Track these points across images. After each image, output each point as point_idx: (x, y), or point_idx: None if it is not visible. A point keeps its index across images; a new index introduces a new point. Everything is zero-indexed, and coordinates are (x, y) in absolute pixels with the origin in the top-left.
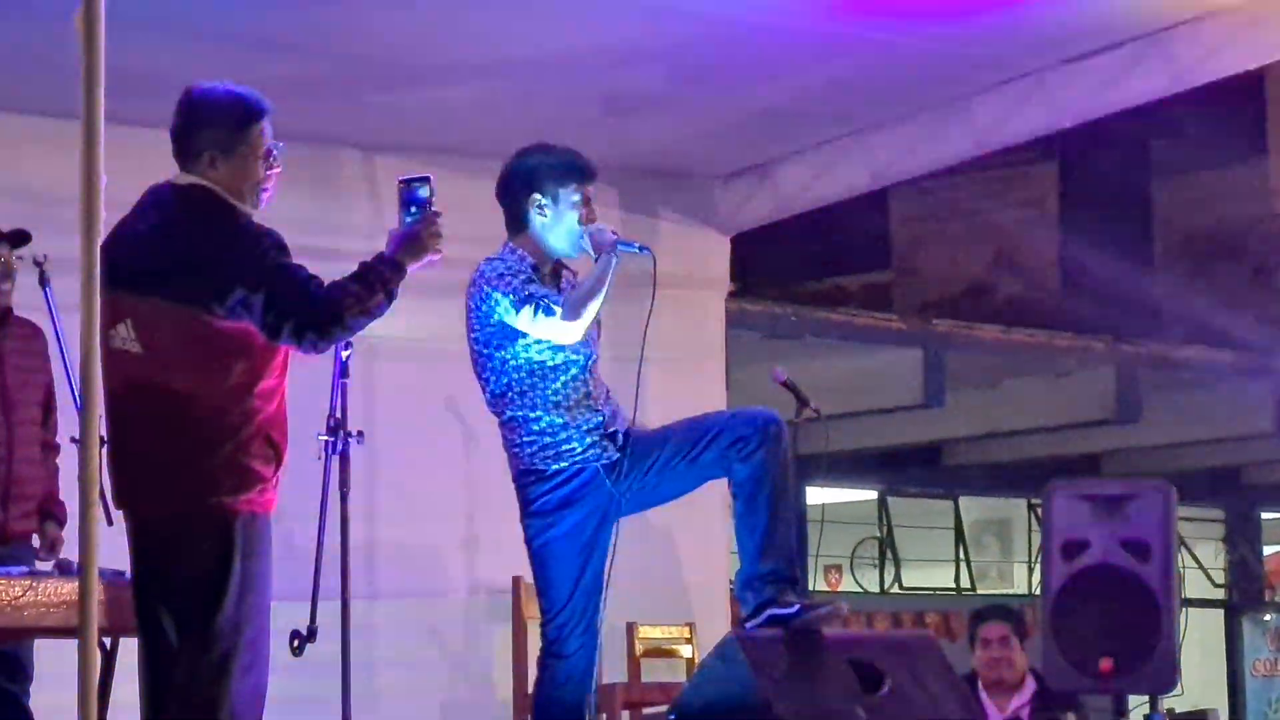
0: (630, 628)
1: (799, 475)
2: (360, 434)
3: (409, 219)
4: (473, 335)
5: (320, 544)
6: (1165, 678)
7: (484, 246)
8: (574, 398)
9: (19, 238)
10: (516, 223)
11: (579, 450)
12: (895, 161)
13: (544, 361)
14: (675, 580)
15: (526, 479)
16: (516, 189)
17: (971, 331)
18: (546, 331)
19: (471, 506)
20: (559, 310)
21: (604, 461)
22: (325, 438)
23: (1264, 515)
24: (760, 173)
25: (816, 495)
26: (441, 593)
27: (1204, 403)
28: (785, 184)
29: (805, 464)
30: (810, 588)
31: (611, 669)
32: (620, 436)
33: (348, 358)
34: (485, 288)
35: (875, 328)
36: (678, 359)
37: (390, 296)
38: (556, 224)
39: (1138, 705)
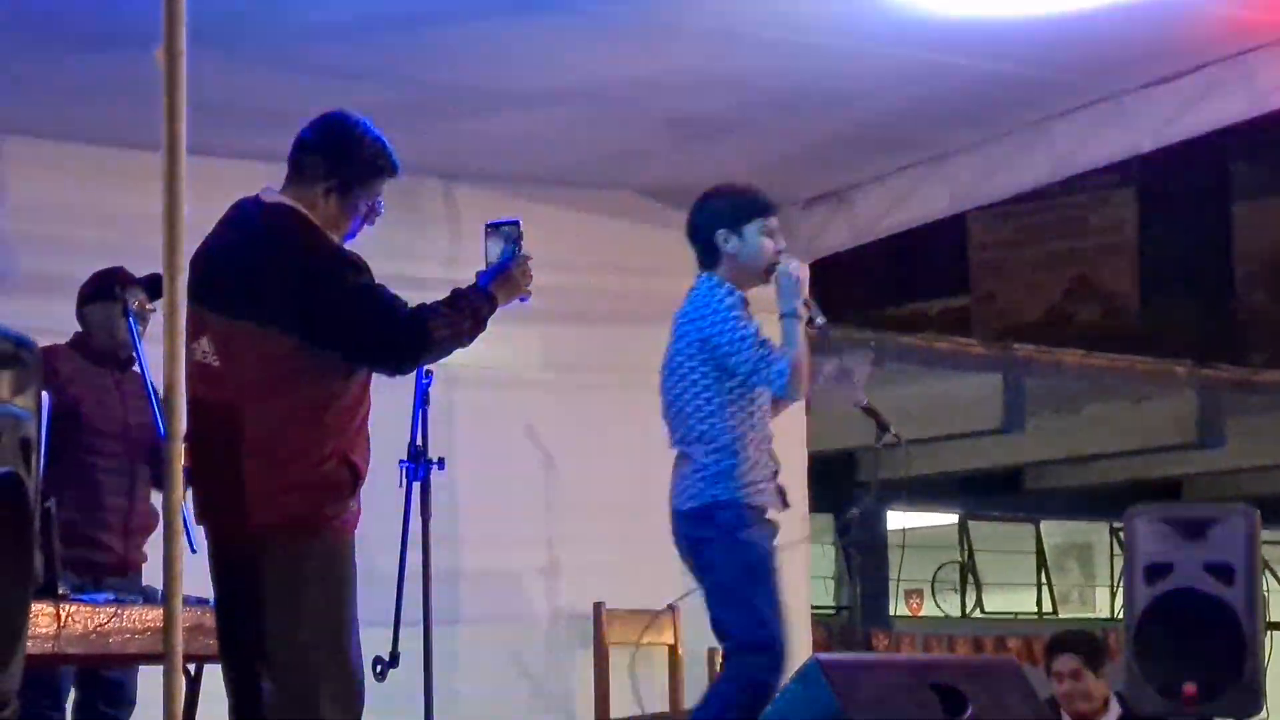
0: (711, 653)
1: (880, 500)
2: (441, 461)
3: (500, 260)
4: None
5: (402, 570)
6: (1250, 703)
7: (560, 273)
8: None
9: (157, 286)
10: (710, 258)
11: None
12: (974, 186)
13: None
14: None
15: None
16: (706, 225)
17: (1052, 356)
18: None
19: (551, 532)
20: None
21: None
22: (407, 464)
23: None
24: (838, 198)
25: (898, 520)
26: (523, 618)
27: None
28: (863, 210)
29: (886, 489)
30: (892, 612)
31: (692, 694)
32: None
33: (428, 385)
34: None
35: (955, 352)
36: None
37: (480, 325)
38: (746, 257)
39: None
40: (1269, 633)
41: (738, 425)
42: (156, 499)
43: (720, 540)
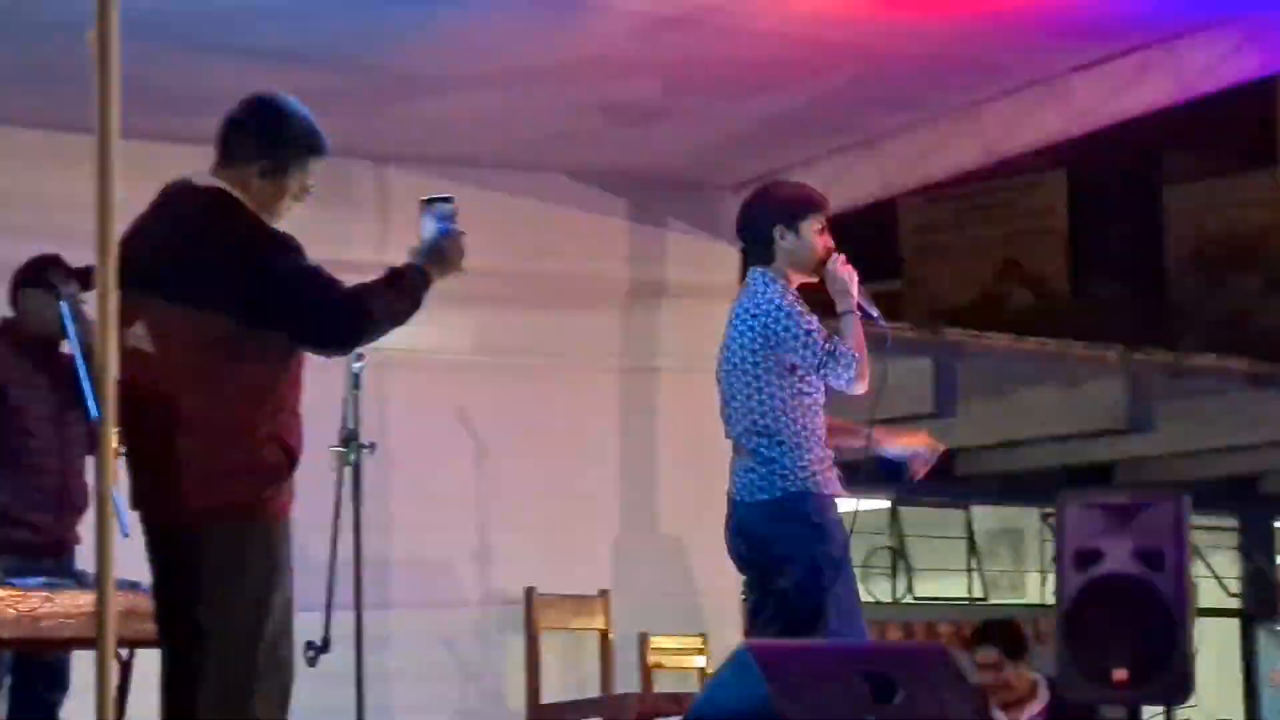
0: (643, 638)
1: None
2: (373, 445)
3: (434, 236)
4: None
5: (334, 555)
6: (1180, 688)
7: (493, 256)
8: None
9: (92, 277)
10: (765, 253)
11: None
12: (904, 170)
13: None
14: (687, 590)
15: None
16: (762, 221)
17: (982, 340)
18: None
19: (483, 517)
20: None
21: None
22: (338, 449)
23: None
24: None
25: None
26: (454, 603)
27: (1217, 411)
28: None
29: None
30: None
31: (624, 679)
32: None
33: (360, 369)
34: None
35: (885, 336)
36: (687, 369)
37: (417, 304)
38: (801, 253)
39: (1152, 716)
40: (1198, 619)
41: (800, 418)
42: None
43: (801, 531)
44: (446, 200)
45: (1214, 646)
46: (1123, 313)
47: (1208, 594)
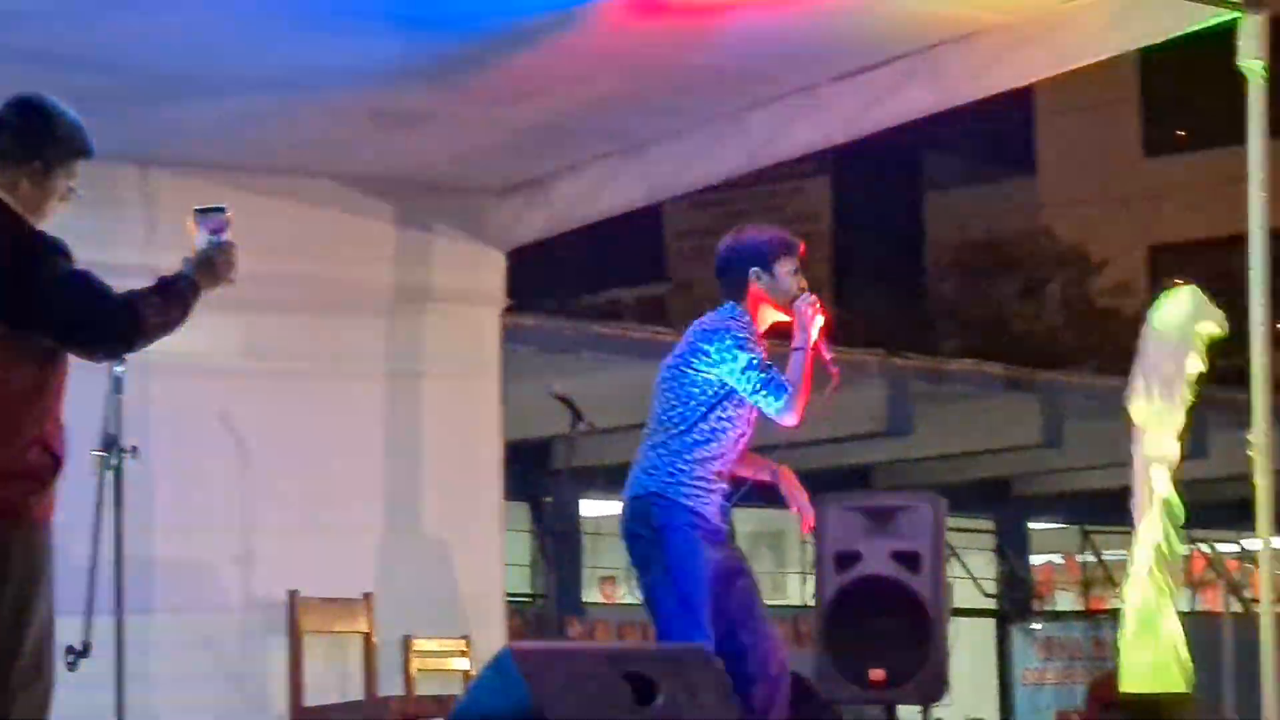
0: (406, 641)
1: (575, 487)
2: (134, 449)
3: (205, 246)
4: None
5: (95, 559)
6: (935, 688)
7: (258, 261)
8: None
9: None
10: (739, 293)
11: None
12: (670, 176)
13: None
14: (450, 593)
15: None
16: (740, 263)
17: None
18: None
19: (247, 520)
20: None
21: None
22: (99, 453)
23: (1032, 526)
24: (535, 188)
25: (591, 508)
26: (218, 606)
27: (974, 415)
28: (560, 199)
29: (581, 477)
30: (586, 599)
31: (387, 682)
32: None
33: (121, 373)
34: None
35: (650, 341)
36: (452, 374)
37: (187, 313)
38: (774, 292)
39: (909, 715)
40: (954, 619)
41: (705, 435)
42: None
43: (643, 533)
44: (219, 210)
45: (969, 646)
46: (884, 317)
47: (963, 594)
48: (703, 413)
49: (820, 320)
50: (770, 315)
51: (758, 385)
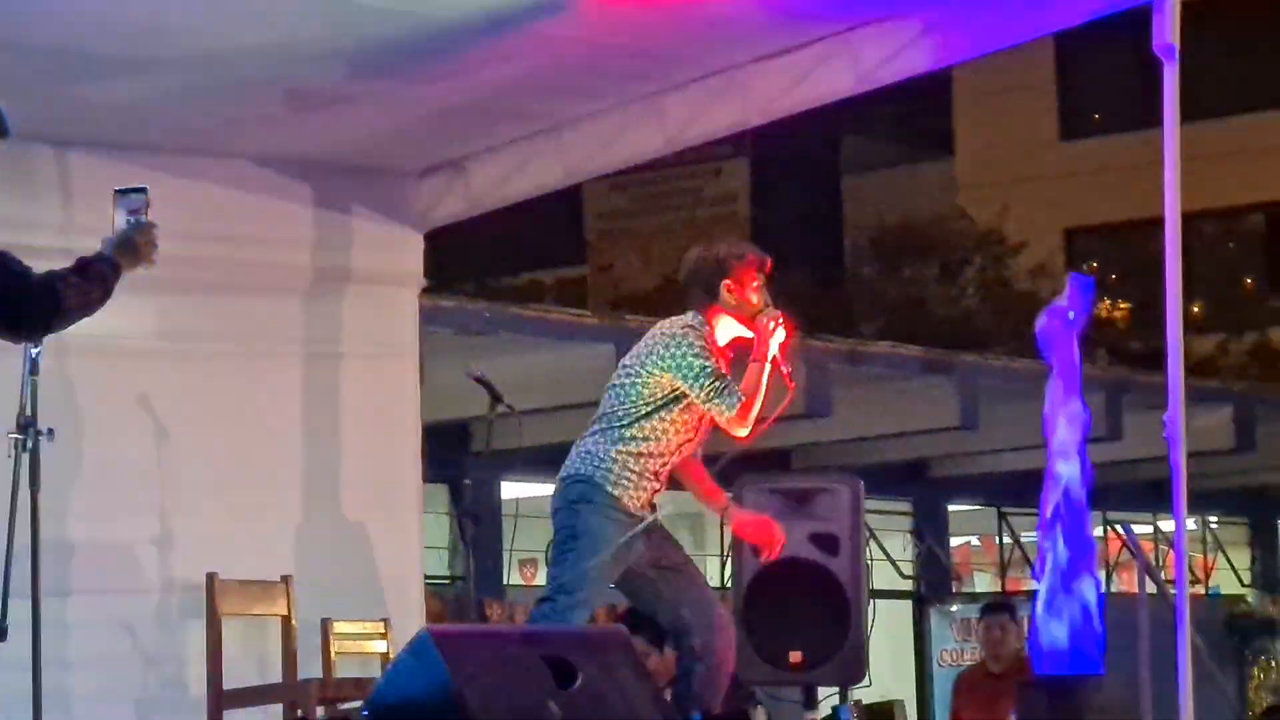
0: (325, 624)
1: (494, 470)
2: (51, 431)
3: (125, 227)
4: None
5: (10, 542)
6: (853, 669)
7: (175, 242)
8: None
9: None
10: (705, 304)
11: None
12: (588, 158)
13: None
14: (369, 576)
15: None
16: (709, 275)
17: None
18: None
19: (165, 503)
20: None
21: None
22: (15, 435)
23: (951, 508)
24: (454, 169)
25: (511, 490)
26: (135, 589)
27: (892, 397)
28: (479, 180)
29: (500, 460)
30: (505, 581)
31: (306, 665)
32: None
33: (37, 354)
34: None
35: (569, 323)
36: (371, 355)
37: (107, 294)
38: (741, 306)
39: (827, 697)
40: (873, 601)
41: (647, 433)
42: None
43: (561, 507)
44: (139, 191)
45: (887, 628)
46: (802, 299)
47: (882, 576)
48: (647, 412)
49: (782, 336)
50: (732, 329)
51: (710, 393)
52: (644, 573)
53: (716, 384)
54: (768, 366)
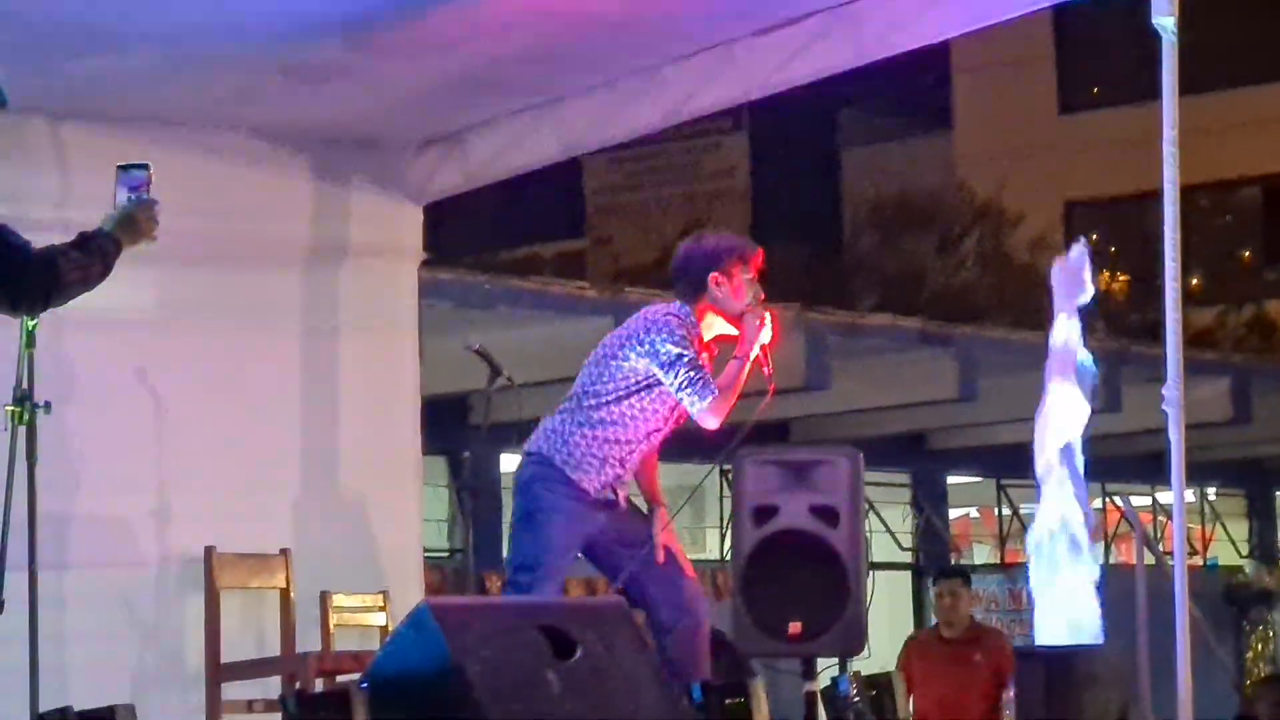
0: (324, 596)
1: (493, 442)
2: (48, 404)
3: (127, 203)
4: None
5: (6, 514)
6: (853, 640)
7: (173, 215)
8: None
9: None
10: (693, 295)
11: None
12: (587, 132)
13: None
14: (368, 549)
15: None
16: (699, 267)
17: (662, 299)
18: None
19: (163, 476)
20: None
21: None
22: (12, 408)
23: (949, 480)
24: (452, 142)
25: (510, 463)
26: (133, 563)
27: (891, 369)
28: (476, 153)
29: (499, 432)
30: (504, 554)
31: (305, 638)
32: None
33: (34, 327)
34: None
35: (568, 296)
36: (369, 329)
37: (108, 269)
38: (728, 300)
39: (826, 668)
40: (872, 573)
41: (617, 418)
42: None
43: (517, 484)
44: (142, 168)
45: (886, 599)
46: (801, 271)
47: (881, 548)
48: (618, 396)
49: (768, 335)
50: (718, 325)
51: (684, 383)
52: (611, 549)
53: (690, 374)
54: (748, 365)
